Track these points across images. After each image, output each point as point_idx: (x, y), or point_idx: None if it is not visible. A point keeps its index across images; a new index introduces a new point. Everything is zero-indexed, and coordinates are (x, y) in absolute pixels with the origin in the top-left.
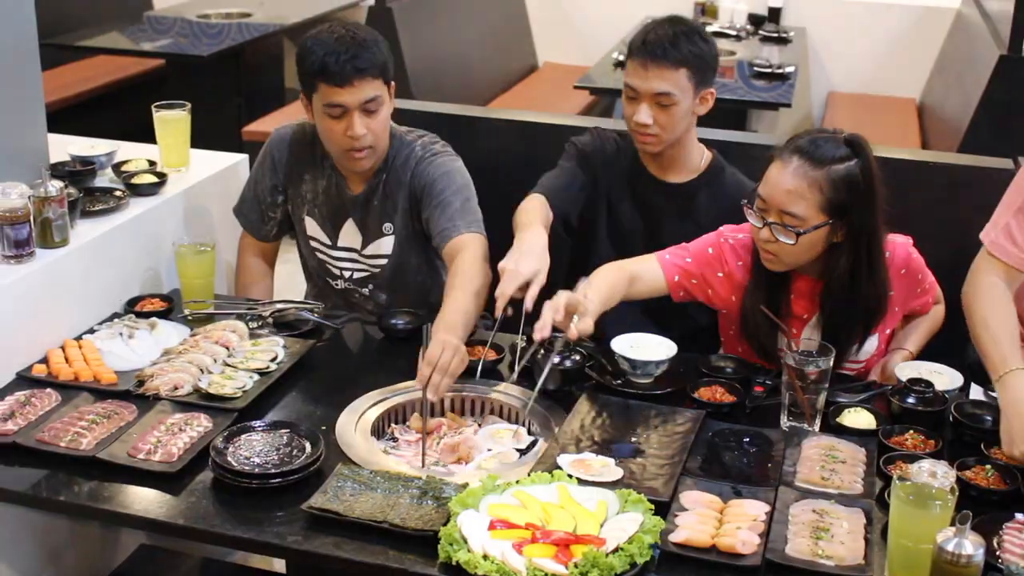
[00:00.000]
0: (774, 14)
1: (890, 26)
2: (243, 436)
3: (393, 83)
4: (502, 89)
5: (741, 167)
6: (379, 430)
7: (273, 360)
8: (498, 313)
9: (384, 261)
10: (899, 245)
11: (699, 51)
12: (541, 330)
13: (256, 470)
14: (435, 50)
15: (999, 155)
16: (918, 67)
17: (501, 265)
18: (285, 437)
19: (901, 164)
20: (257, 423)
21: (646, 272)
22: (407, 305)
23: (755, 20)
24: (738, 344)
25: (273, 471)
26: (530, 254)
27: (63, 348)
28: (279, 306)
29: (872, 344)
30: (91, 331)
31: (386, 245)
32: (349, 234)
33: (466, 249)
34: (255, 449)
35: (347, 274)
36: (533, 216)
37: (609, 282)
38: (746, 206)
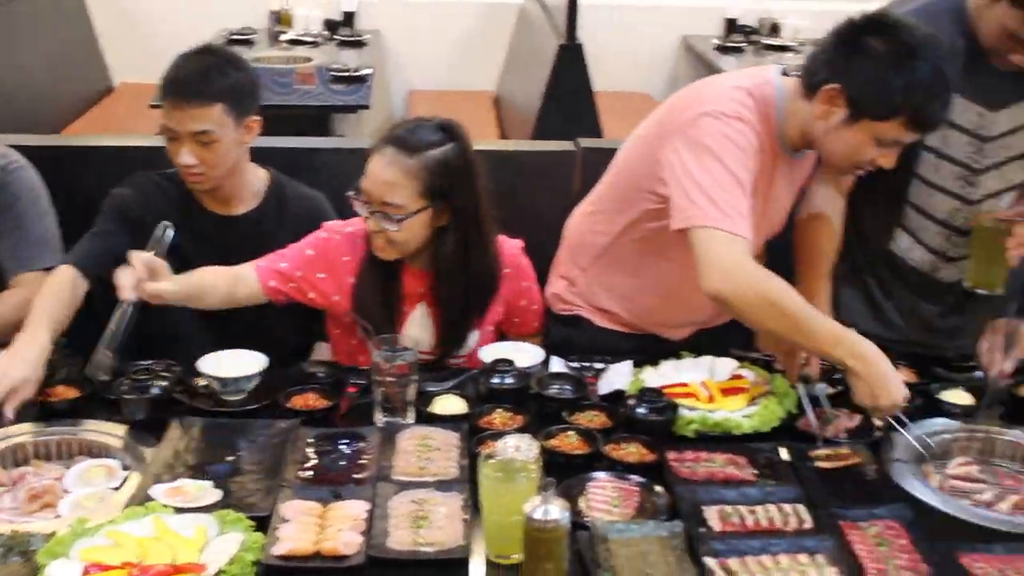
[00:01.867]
0: (348, 18)
1: (460, 24)
2: None
3: None
4: (76, 114)
5: (327, 171)
6: None
7: None
8: None
9: None
10: (509, 244)
11: (234, 82)
12: (123, 289)
13: None
14: None
15: (567, 139)
16: (491, 61)
17: None
18: None
19: (481, 153)
20: None
21: (245, 277)
22: None
23: (331, 25)
24: (348, 340)
25: None
26: (22, 361)
27: None
28: None
29: (474, 339)
30: None
31: None
32: None
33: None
34: None
35: None
36: (40, 313)
37: (199, 275)
38: (353, 196)
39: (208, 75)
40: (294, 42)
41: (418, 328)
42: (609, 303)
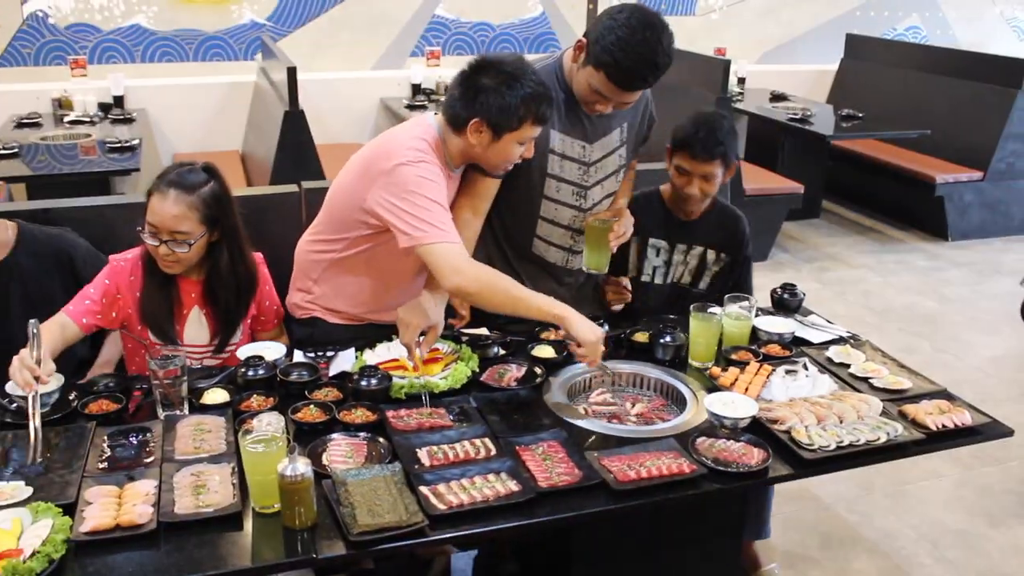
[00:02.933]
0: (118, 101)
1: (208, 99)
2: None
3: None
4: None
5: (112, 224)
6: None
7: None
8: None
9: None
10: (255, 257)
11: None
12: (26, 386)
13: None
14: None
15: (295, 183)
16: (235, 127)
17: None
18: None
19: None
20: None
21: (65, 325)
22: None
23: (104, 107)
24: (139, 351)
25: None
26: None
27: None
28: None
29: (238, 335)
30: None
31: None
32: None
33: None
34: None
35: None
36: None
37: (49, 332)
38: (140, 231)
39: None
40: (75, 122)
41: (196, 326)
42: (338, 303)
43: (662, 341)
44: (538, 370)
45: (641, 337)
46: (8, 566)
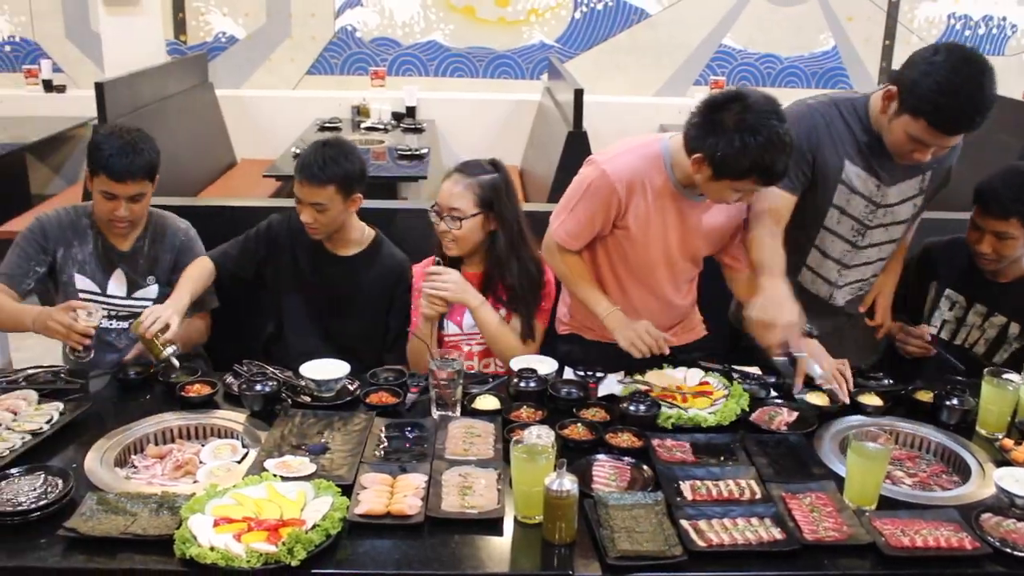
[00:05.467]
0: (411, 111)
1: (494, 115)
2: (3, 483)
3: (158, 177)
4: (209, 182)
5: (397, 226)
6: (122, 460)
7: (48, 422)
8: None
9: (149, 303)
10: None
11: (344, 170)
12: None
13: (16, 508)
14: None
15: None
16: (517, 143)
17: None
18: (40, 478)
19: None
20: (14, 470)
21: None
22: None
23: (397, 116)
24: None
25: (32, 506)
26: (169, 306)
27: None
28: (30, 372)
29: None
30: None
31: (151, 291)
32: (116, 283)
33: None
34: (15, 491)
35: (113, 314)
36: (185, 281)
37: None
38: (430, 209)
39: (326, 164)
40: (370, 128)
41: (471, 320)
42: (592, 321)
43: (948, 404)
44: (810, 417)
45: (924, 396)
46: (292, 533)
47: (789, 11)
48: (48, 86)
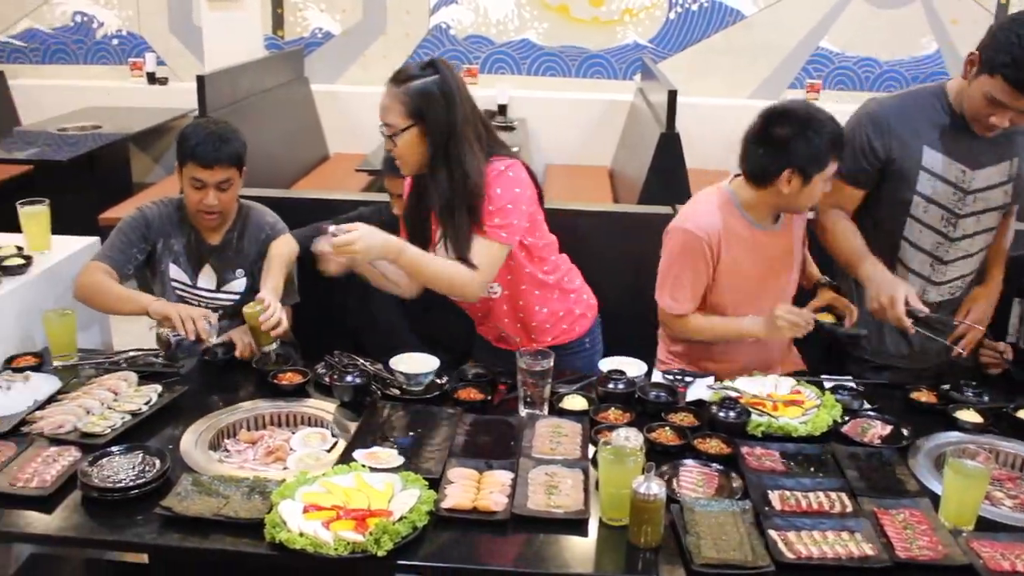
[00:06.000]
0: (502, 109)
1: (585, 115)
2: (104, 460)
3: (245, 168)
4: (303, 174)
5: None
6: (215, 444)
7: (147, 403)
8: None
9: (236, 296)
10: (499, 161)
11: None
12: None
13: (116, 485)
14: (249, 147)
15: (664, 204)
16: (607, 143)
17: None
18: (139, 457)
19: (599, 214)
20: (115, 448)
21: None
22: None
23: (489, 114)
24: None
25: (130, 484)
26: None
27: None
28: (131, 354)
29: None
30: None
31: (239, 285)
32: (206, 276)
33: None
34: (115, 469)
35: (202, 305)
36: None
37: None
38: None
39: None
40: None
41: (442, 248)
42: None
43: None
44: (905, 431)
45: None
46: (380, 524)
47: (891, 13)
48: (151, 78)
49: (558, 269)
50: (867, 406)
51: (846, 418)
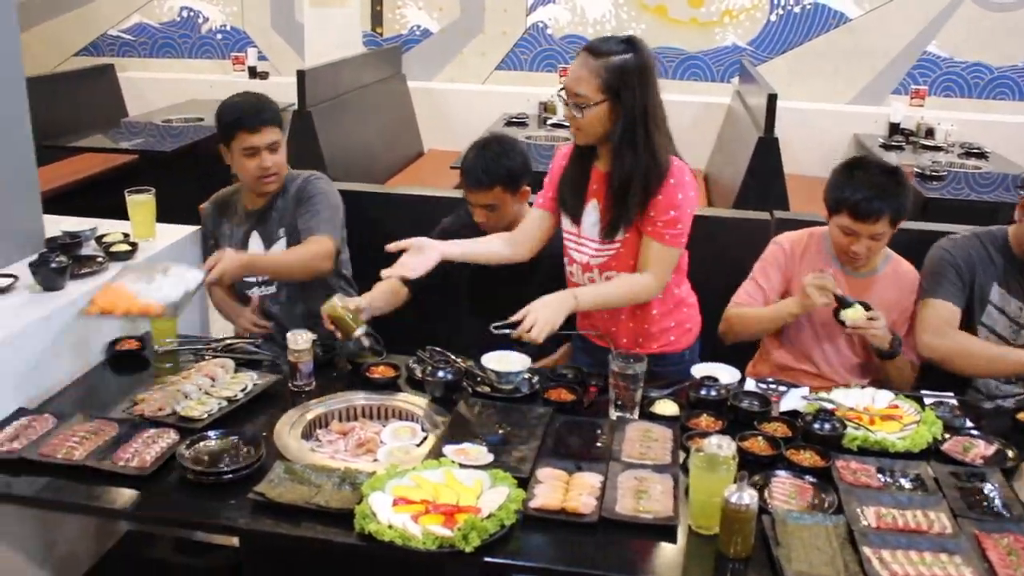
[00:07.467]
0: None
1: (682, 116)
2: (201, 444)
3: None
4: (398, 170)
5: None
6: (308, 433)
7: (243, 390)
8: None
9: None
10: (679, 162)
11: (506, 168)
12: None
13: (212, 468)
14: (345, 142)
15: (761, 210)
16: (703, 146)
17: None
18: (234, 442)
19: (693, 218)
20: (211, 433)
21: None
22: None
23: None
24: None
25: (225, 468)
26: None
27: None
28: (228, 342)
29: (621, 233)
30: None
31: (281, 245)
32: (255, 242)
33: (311, 241)
34: (211, 453)
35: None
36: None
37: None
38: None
39: (488, 168)
40: (556, 125)
41: (589, 221)
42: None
43: None
44: (1010, 452)
45: None
46: (468, 520)
47: (1004, 16)
48: (253, 72)
49: (684, 282)
50: (969, 424)
51: (947, 436)
